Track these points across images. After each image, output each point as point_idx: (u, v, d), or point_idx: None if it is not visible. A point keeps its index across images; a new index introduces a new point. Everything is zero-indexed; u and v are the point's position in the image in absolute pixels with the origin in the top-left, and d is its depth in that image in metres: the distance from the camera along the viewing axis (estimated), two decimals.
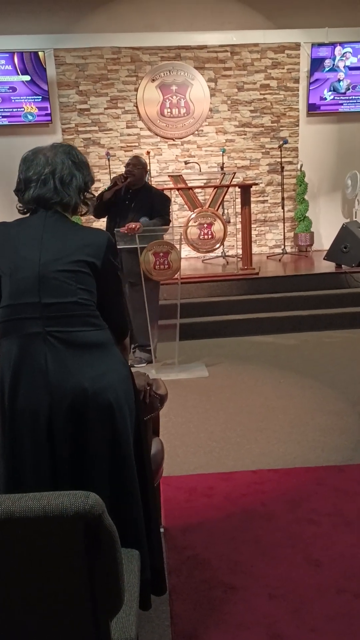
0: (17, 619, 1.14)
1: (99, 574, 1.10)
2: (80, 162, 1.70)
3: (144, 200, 4.45)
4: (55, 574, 1.10)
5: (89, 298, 1.58)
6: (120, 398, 1.57)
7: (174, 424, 3.50)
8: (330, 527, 2.35)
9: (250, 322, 5.63)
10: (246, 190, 6.15)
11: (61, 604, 1.13)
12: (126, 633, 1.28)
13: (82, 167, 1.70)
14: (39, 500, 1.05)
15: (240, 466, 2.95)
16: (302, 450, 3.09)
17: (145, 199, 4.46)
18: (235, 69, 7.77)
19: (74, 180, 1.66)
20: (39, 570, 1.10)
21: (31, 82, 7.38)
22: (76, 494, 1.06)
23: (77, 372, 1.53)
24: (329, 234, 7.54)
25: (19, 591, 1.11)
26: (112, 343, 1.63)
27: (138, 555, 1.54)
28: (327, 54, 7.66)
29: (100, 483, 1.55)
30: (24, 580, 1.11)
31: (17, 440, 1.53)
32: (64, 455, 1.53)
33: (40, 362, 1.52)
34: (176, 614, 1.91)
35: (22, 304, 1.53)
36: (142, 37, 7.52)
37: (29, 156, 1.68)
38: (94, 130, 7.72)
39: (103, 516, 1.06)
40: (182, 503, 2.58)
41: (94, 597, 1.12)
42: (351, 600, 1.92)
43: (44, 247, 1.56)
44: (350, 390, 3.97)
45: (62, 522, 1.05)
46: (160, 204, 4.50)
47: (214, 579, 2.07)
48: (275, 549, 2.22)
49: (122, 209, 4.40)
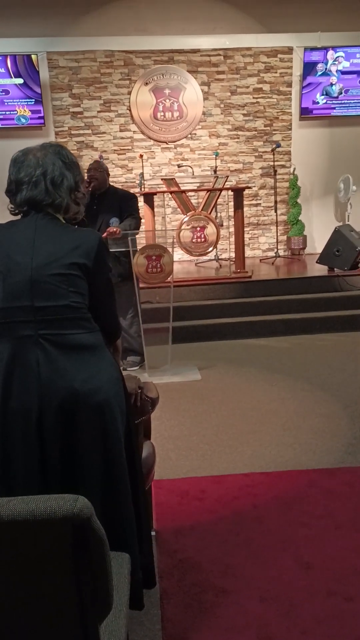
0: (4, 622, 1.14)
1: (87, 578, 1.10)
2: (71, 161, 1.70)
3: (110, 202, 4.45)
4: (43, 577, 1.10)
5: (80, 301, 1.59)
6: (111, 399, 1.58)
7: (166, 427, 3.50)
8: (321, 529, 2.35)
9: (243, 325, 5.64)
10: (239, 193, 6.17)
11: (49, 607, 1.13)
12: (116, 637, 1.28)
13: (72, 167, 1.70)
14: (27, 504, 1.05)
15: (232, 469, 2.95)
16: (294, 453, 3.09)
17: (112, 200, 4.46)
18: (228, 72, 7.80)
19: (65, 180, 1.66)
20: (27, 573, 1.09)
21: (24, 85, 7.38)
22: (64, 497, 1.06)
23: (69, 373, 1.54)
24: (321, 237, 7.58)
25: (6, 594, 1.11)
26: (104, 345, 1.64)
27: (128, 558, 1.54)
28: (319, 58, 7.70)
29: (91, 484, 1.55)
30: (11, 584, 1.10)
31: (8, 440, 1.54)
32: (54, 456, 1.54)
33: (32, 365, 1.53)
34: (167, 617, 1.90)
35: (15, 307, 1.54)
36: (135, 40, 7.54)
37: (19, 157, 1.68)
38: (87, 134, 7.73)
39: (91, 519, 1.06)
40: (174, 506, 2.58)
41: (82, 600, 1.12)
42: (341, 602, 1.93)
43: (35, 250, 1.56)
44: (342, 392, 3.98)
45: (50, 525, 1.05)
46: (127, 203, 4.47)
47: (205, 582, 2.07)
48: (266, 551, 2.23)
49: (91, 214, 4.37)
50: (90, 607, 1.13)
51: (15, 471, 1.54)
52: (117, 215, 4.38)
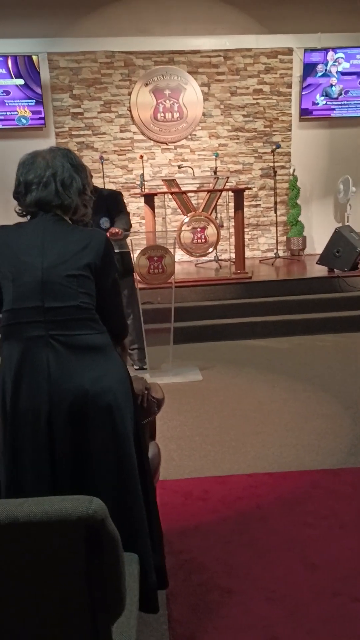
0: (17, 623, 1.14)
1: (100, 579, 1.11)
2: (79, 164, 1.72)
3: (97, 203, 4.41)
4: (56, 578, 1.10)
5: (89, 302, 1.60)
6: (119, 400, 1.59)
7: (168, 427, 3.51)
8: (326, 530, 2.36)
9: (244, 326, 5.65)
10: (239, 194, 6.17)
11: (62, 608, 1.13)
12: (126, 637, 1.29)
13: (80, 170, 1.72)
14: (42, 505, 1.06)
15: (236, 470, 2.96)
16: (297, 454, 3.10)
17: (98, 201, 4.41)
18: (228, 73, 7.81)
19: (74, 182, 1.68)
20: (40, 574, 1.10)
21: (25, 86, 7.38)
22: (79, 498, 1.07)
23: (78, 374, 1.55)
24: (321, 238, 7.59)
25: (20, 595, 1.12)
26: (112, 346, 1.65)
27: (137, 558, 1.54)
28: (319, 59, 7.72)
29: (101, 485, 1.56)
30: (25, 584, 1.11)
31: (17, 441, 1.55)
32: (64, 457, 1.55)
33: (42, 365, 1.54)
34: (174, 617, 1.91)
35: (25, 308, 1.55)
36: (135, 41, 7.55)
37: (27, 159, 1.69)
38: (88, 134, 7.73)
39: (106, 521, 1.07)
40: (178, 507, 2.59)
41: (95, 602, 1.12)
42: (347, 603, 1.94)
43: (45, 251, 1.57)
44: (343, 393, 4.00)
45: (64, 527, 1.05)
46: (113, 202, 4.41)
47: (210, 582, 2.08)
48: (271, 552, 2.24)
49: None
50: (102, 608, 1.14)
51: (24, 471, 1.54)
52: (105, 215, 4.30)
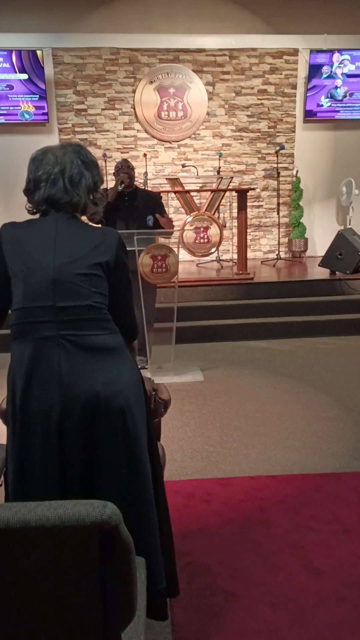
0: (29, 628, 1.12)
1: (112, 585, 1.09)
2: (90, 161, 1.67)
3: (144, 202, 4.49)
4: (68, 583, 1.08)
5: (102, 301, 1.58)
6: (132, 402, 1.57)
7: (170, 428, 3.49)
8: (330, 534, 2.35)
9: (245, 327, 5.63)
10: (243, 195, 6.16)
11: (73, 613, 1.11)
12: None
13: (91, 167, 1.67)
14: (55, 510, 1.04)
15: (238, 472, 2.94)
16: (299, 457, 3.09)
17: (145, 200, 4.51)
18: (233, 73, 7.79)
19: (83, 179, 1.64)
20: (52, 579, 1.08)
21: (28, 81, 7.35)
22: (93, 503, 1.05)
23: (90, 376, 1.52)
24: (322, 240, 7.59)
25: (31, 600, 1.10)
26: (124, 347, 1.63)
27: (144, 562, 1.53)
28: (325, 60, 7.70)
29: (113, 488, 1.54)
30: (37, 589, 1.09)
31: (27, 442, 1.52)
32: (74, 459, 1.52)
33: (53, 366, 1.51)
34: (177, 621, 1.89)
35: (36, 307, 1.52)
36: (141, 38, 7.52)
37: (38, 156, 1.66)
38: (91, 131, 7.70)
39: (120, 527, 1.05)
40: (181, 508, 2.57)
41: (107, 607, 1.11)
42: (352, 609, 1.92)
43: (57, 250, 1.55)
44: (345, 396, 3.98)
45: (78, 531, 1.03)
46: (159, 204, 4.58)
47: (214, 585, 2.06)
48: (275, 556, 2.22)
49: (126, 212, 4.41)
50: (114, 613, 1.12)
51: (33, 471, 1.52)
52: (152, 214, 4.45)
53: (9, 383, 1.58)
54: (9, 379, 1.59)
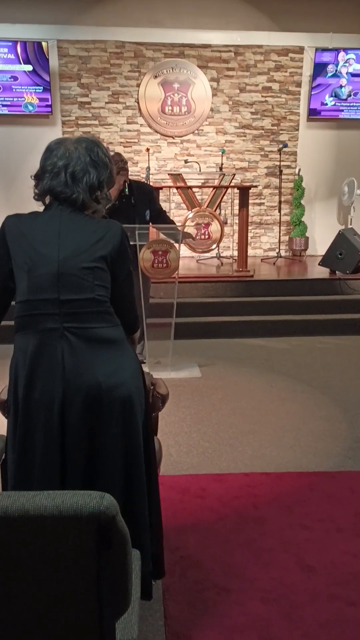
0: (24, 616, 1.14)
1: (108, 575, 1.10)
2: (100, 160, 1.66)
3: (140, 195, 4.46)
4: (65, 573, 1.10)
5: (104, 294, 1.59)
6: (132, 394, 1.59)
7: (167, 423, 3.50)
8: (323, 533, 2.37)
9: (243, 324, 5.64)
10: (245, 192, 6.15)
11: (68, 602, 1.13)
12: (128, 634, 1.29)
13: (99, 166, 1.66)
14: (53, 499, 1.05)
15: (233, 468, 2.96)
16: (294, 455, 3.11)
17: (141, 194, 4.48)
18: (238, 69, 7.77)
19: (87, 177, 1.63)
20: (49, 568, 1.09)
21: (33, 72, 7.33)
22: (91, 494, 1.06)
23: (92, 367, 1.54)
24: (323, 239, 7.59)
25: (28, 588, 1.11)
26: (125, 340, 1.65)
27: (139, 555, 1.54)
28: (330, 59, 7.69)
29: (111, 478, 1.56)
30: (33, 578, 1.10)
31: (29, 432, 1.55)
32: (75, 449, 1.55)
33: (57, 358, 1.53)
34: (170, 614, 1.91)
35: (40, 299, 1.53)
36: (146, 32, 7.50)
37: (52, 145, 1.67)
38: (94, 124, 7.69)
39: (117, 518, 1.06)
40: (175, 503, 2.59)
41: (102, 597, 1.12)
42: (344, 607, 1.94)
43: (61, 243, 1.56)
44: (342, 396, 4.00)
45: (75, 522, 1.05)
46: (152, 195, 4.57)
47: (207, 580, 2.08)
48: (267, 553, 2.24)
49: (123, 208, 4.39)
50: (109, 603, 1.13)
51: (34, 461, 1.54)
52: (148, 208, 4.46)
53: (12, 374, 1.60)
54: (11, 370, 1.60)
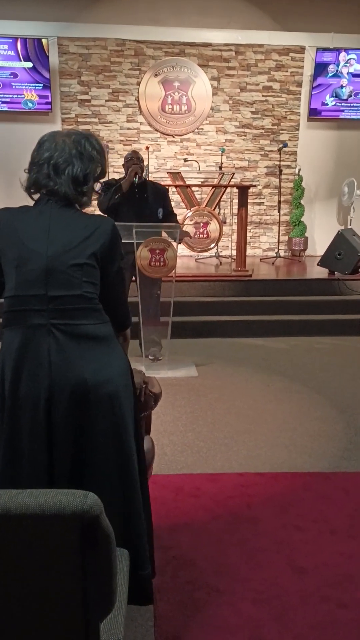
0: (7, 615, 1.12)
1: (92, 575, 1.09)
2: (87, 153, 1.63)
3: (154, 194, 4.53)
4: (48, 572, 1.08)
5: (93, 291, 1.58)
6: (120, 391, 1.58)
7: (162, 422, 3.49)
8: (316, 534, 2.35)
9: (241, 324, 5.62)
10: (244, 191, 6.13)
11: (52, 603, 1.11)
12: (114, 635, 1.27)
13: (85, 159, 1.62)
14: (36, 498, 1.03)
15: (227, 468, 2.94)
16: (289, 455, 3.09)
17: (155, 193, 4.55)
18: (238, 68, 7.75)
19: (70, 169, 1.60)
20: (32, 568, 1.08)
21: (33, 69, 7.31)
22: (74, 492, 1.05)
23: (79, 364, 1.53)
24: (322, 239, 7.57)
25: (10, 588, 1.09)
26: (114, 337, 1.63)
27: (127, 554, 1.52)
28: (331, 59, 7.67)
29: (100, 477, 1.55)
30: (16, 577, 1.08)
31: (15, 428, 1.53)
32: (62, 446, 1.53)
33: (43, 354, 1.52)
34: (160, 614, 1.89)
35: (28, 295, 1.52)
36: (147, 30, 7.48)
37: (42, 138, 1.66)
38: (94, 122, 7.67)
39: (101, 517, 1.05)
40: (168, 502, 2.57)
41: (86, 597, 1.10)
42: (335, 609, 1.92)
43: (50, 238, 1.54)
44: (339, 397, 3.98)
45: (58, 521, 1.03)
46: (166, 197, 4.63)
47: (198, 580, 2.06)
48: (260, 553, 2.22)
49: (137, 204, 4.41)
50: (93, 604, 1.12)
51: (21, 458, 1.53)
52: (161, 207, 4.51)
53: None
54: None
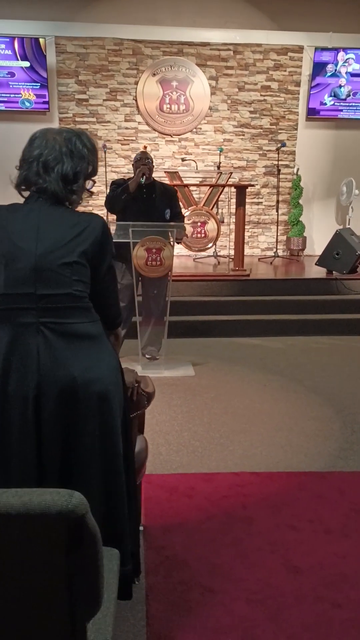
0: None
1: (78, 575, 1.07)
2: (77, 151, 1.61)
3: (163, 194, 4.53)
4: (33, 573, 1.07)
5: (83, 289, 1.56)
6: (110, 390, 1.57)
7: (157, 421, 3.47)
8: (311, 533, 2.34)
9: (239, 323, 5.61)
10: (242, 191, 6.12)
11: (38, 603, 1.09)
12: (102, 635, 1.25)
13: (76, 157, 1.61)
14: (20, 497, 1.02)
15: (223, 467, 2.93)
16: (285, 455, 3.08)
17: (164, 194, 4.57)
18: (237, 68, 7.74)
19: (59, 167, 1.58)
20: (17, 568, 1.06)
21: (30, 69, 7.29)
22: (60, 492, 1.03)
23: (68, 362, 1.52)
24: (321, 239, 7.56)
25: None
26: (104, 335, 1.62)
27: (117, 554, 1.51)
28: (329, 59, 7.66)
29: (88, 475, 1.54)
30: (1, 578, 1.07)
31: (4, 427, 1.52)
32: (52, 445, 1.52)
33: (32, 352, 1.51)
34: (152, 614, 1.88)
35: (17, 294, 1.51)
36: (145, 30, 7.46)
37: (34, 135, 1.64)
38: (92, 122, 7.65)
39: (86, 516, 1.03)
40: (162, 502, 2.56)
41: (73, 597, 1.09)
42: (329, 609, 1.91)
43: (40, 236, 1.53)
44: (335, 397, 3.97)
45: (43, 520, 1.01)
46: (174, 198, 4.63)
47: (191, 580, 2.05)
48: (254, 553, 2.21)
49: (145, 204, 4.42)
50: (79, 604, 1.10)
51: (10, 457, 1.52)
52: (168, 208, 4.53)
53: None
54: None
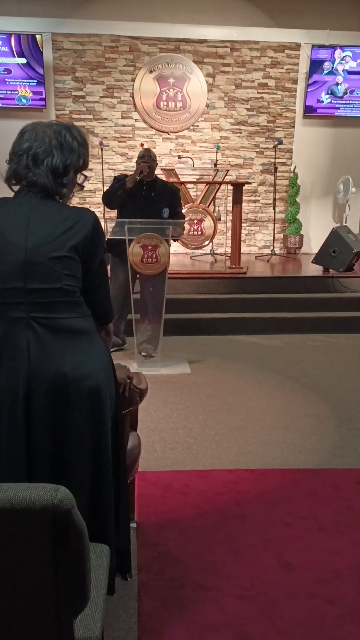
0: None
1: (65, 571, 1.06)
2: (67, 144, 1.60)
3: (162, 193, 4.55)
4: (19, 568, 1.06)
5: (74, 284, 1.55)
6: (100, 386, 1.55)
7: (152, 418, 3.47)
8: (304, 530, 2.33)
9: (235, 321, 5.60)
10: (238, 188, 6.11)
11: (24, 599, 1.09)
12: (90, 631, 1.25)
13: (65, 150, 1.60)
14: (5, 492, 1.01)
15: (217, 464, 2.92)
16: (280, 452, 3.07)
17: (163, 192, 4.57)
18: (234, 65, 7.73)
19: (49, 159, 1.57)
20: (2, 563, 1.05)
21: (27, 66, 7.27)
22: (45, 486, 1.02)
23: (59, 358, 1.51)
24: (318, 237, 7.55)
25: None
26: (95, 331, 1.61)
27: (107, 550, 1.50)
28: (326, 56, 7.65)
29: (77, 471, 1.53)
30: None
31: None
32: (41, 441, 1.51)
33: (22, 347, 1.49)
34: (143, 610, 1.87)
35: (6, 288, 1.49)
36: (142, 27, 7.44)
37: (24, 128, 1.63)
38: (89, 119, 7.64)
39: (72, 511, 1.02)
40: (156, 499, 2.55)
41: (58, 594, 1.08)
42: (321, 605, 1.90)
43: (30, 230, 1.51)
44: (332, 394, 3.96)
45: (29, 515, 1.01)
46: (175, 197, 4.61)
47: (184, 577, 2.04)
48: (248, 550, 2.20)
49: (143, 201, 4.41)
50: (66, 599, 1.10)
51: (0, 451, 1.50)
52: (167, 206, 4.52)
53: None
54: None
